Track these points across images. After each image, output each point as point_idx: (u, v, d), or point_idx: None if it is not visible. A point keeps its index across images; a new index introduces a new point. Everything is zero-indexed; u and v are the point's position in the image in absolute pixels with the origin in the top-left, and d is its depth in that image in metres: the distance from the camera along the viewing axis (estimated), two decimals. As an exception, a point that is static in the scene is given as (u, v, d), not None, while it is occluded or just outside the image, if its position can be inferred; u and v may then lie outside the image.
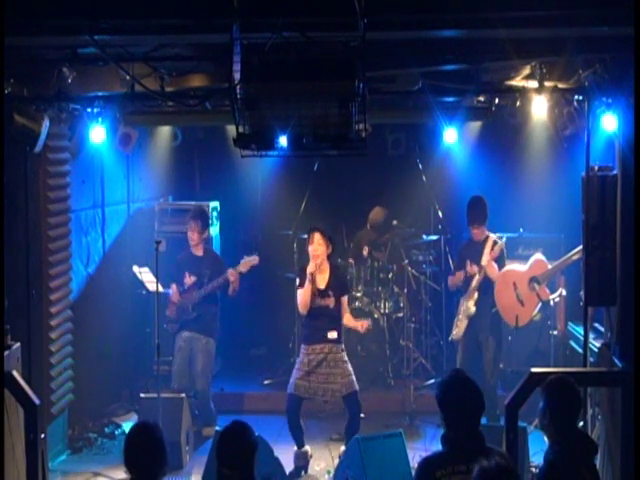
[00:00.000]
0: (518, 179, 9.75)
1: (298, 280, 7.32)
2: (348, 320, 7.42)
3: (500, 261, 8.12)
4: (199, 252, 8.30)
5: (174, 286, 8.25)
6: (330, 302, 7.21)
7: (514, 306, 8.06)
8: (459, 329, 8.17)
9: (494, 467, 3.58)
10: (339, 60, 4.43)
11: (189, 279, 8.21)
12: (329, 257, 7.27)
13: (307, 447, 7.35)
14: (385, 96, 6.95)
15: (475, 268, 8.09)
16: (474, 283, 8.08)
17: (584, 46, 5.64)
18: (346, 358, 7.29)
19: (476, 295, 8.08)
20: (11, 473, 5.58)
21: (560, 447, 4.35)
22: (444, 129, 7.92)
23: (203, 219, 8.30)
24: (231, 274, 7.94)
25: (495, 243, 8.09)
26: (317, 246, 7.16)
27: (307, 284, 7.13)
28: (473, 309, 8.08)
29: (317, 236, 7.17)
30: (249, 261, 7.98)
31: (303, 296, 7.19)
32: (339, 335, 7.27)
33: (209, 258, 8.31)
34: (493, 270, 8.03)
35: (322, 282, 7.23)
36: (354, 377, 7.23)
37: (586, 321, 6.34)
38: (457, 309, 8.32)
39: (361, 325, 7.41)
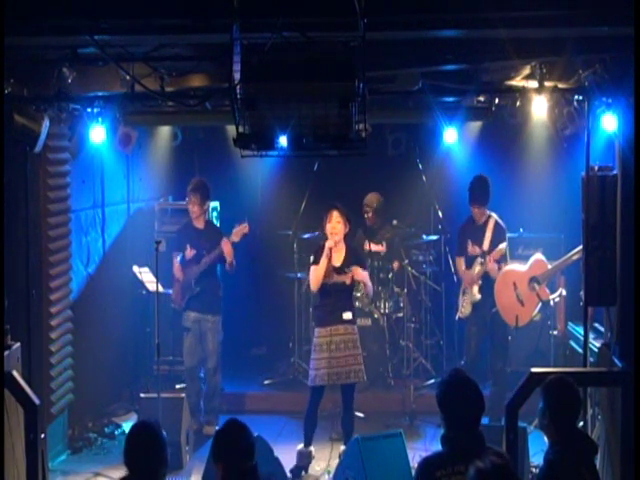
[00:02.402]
0: (518, 179, 9.74)
1: (313, 257, 7.29)
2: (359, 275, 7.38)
3: (502, 262, 8.13)
4: (200, 224, 8.36)
5: (176, 262, 8.31)
6: (347, 279, 7.20)
7: (514, 306, 8.06)
8: (465, 309, 8.22)
9: (490, 467, 3.57)
10: (339, 60, 4.42)
11: (190, 252, 8.26)
12: (345, 237, 7.27)
13: (312, 447, 7.33)
14: (385, 96, 6.95)
15: (477, 249, 8.11)
16: (477, 269, 8.10)
17: (584, 46, 5.64)
18: (359, 341, 7.31)
19: (480, 282, 8.10)
20: (11, 473, 5.58)
21: (560, 447, 4.35)
22: (444, 129, 7.92)
23: (203, 191, 8.31)
24: (225, 244, 7.98)
25: (497, 225, 8.10)
26: (335, 224, 7.16)
27: (324, 259, 7.11)
28: (478, 296, 8.13)
29: (336, 214, 7.17)
30: (240, 229, 7.99)
31: (317, 271, 7.16)
32: (353, 315, 7.29)
33: (208, 231, 8.37)
34: (493, 269, 8.04)
35: (338, 260, 7.23)
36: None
37: (586, 321, 6.34)
38: (459, 289, 8.36)
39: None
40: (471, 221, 8.35)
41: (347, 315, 7.21)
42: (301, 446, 7.32)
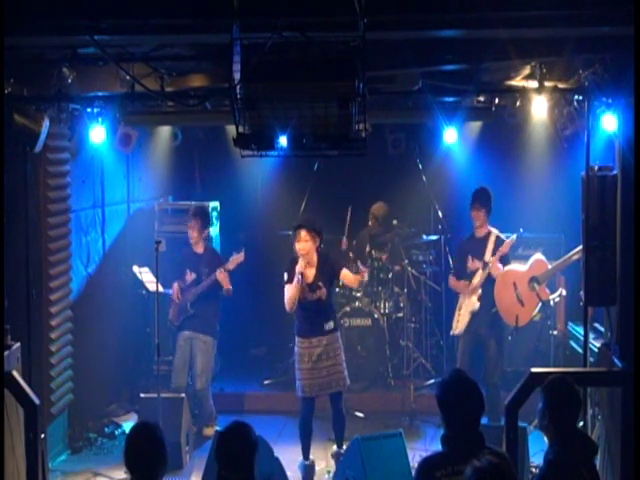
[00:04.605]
0: (518, 179, 9.74)
1: (286, 275, 7.15)
2: (351, 281, 7.31)
3: (505, 259, 8.10)
4: (200, 249, 8.33)
5: (176, 285, 8.28)
6: (322, 294, 7.07)
7: (514, 306, 8.05)
8: (461, 324, 8.14)
9: (487, 465, 3.57)
10: (339, 60, 4.42)
11: (190, 276, 8.25)
12: (317, 249, 7.13)
13: (312, 457, 7.28)
14: (385, 96, 6.95)
15: (477, 263, 8.07)
16: (477, 279, 8.06)
17: (584, 46, 5.65)
18: (342, 347, 7.23)
19: (480, 291, 8.07)
20: (11, 473, 5.58)
21: (560, 447, 4.35)
22: (444, 129, 7.91)
23: (203, 217, 8.31)
24: (219, 273, 7.96)
25: (498, 238, 8.08)
26: (304, 243, 7.02)
27: (295, 283, 7.00)
28: (477, 305, 8.05)
29: (303, 233, 7.02)
30: (236, 259, 7.99)
31: (290, 294, 7.05)
32: (335, 324, 7.21)
33: (208, 256, 8.33)
34: (498, 270, 8.01)
35: (311, 276, 7.10)
36: (346, 372, 7.21)
37: (586, 321, 6.33)
38: (457, 303, 8.30)
39: (361, 275, 7.24)
40: (471, 237, 8.30)
41: (329, 325, 7.12)
42: (301, 458, 7.24)
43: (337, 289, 9.10)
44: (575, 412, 4.52)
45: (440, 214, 9.49)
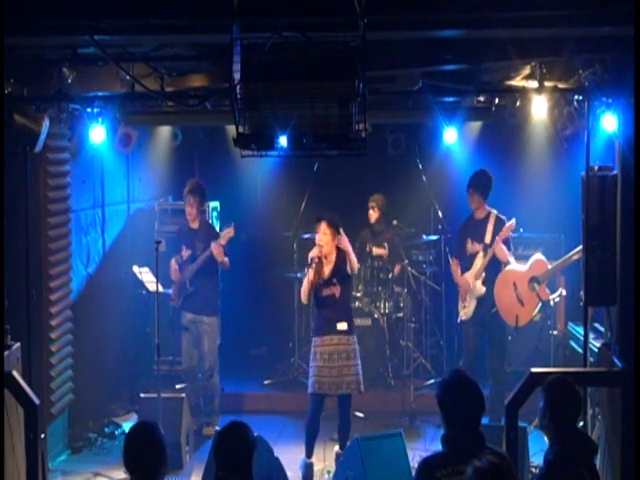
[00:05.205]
0: (518, 179, 9.75)
1: (306, 270, 7.32)
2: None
3: (507, 243, 8.11)
4: (195, 225, 8.40)
5: (173, 262, 8.34)
6: (336, 291, 7.16)
7: (514, 306, 8.05)
8: (468, 309, 8.16)
9: (488, 466, 3.57)
10: (339, 60, 4.43)
11: (185, 252, 8.31)
12: (337, 247, 7.19)
13: (314, 459, 7.28)
14: (385, 96, 6.95)
15: (477, 246, 8.08)
16: (479, 263, 8.06)
17: (584, 46, 5.65)
18: (357, 352, 7.23)
19: (484, 275, 8.07)
20: (11, 473, 5.58)
21: (560, 447, 4.35)
22: (444, 129, 7.91)
23: (201, 194, 8.35)
24: (214, 247, 8.01)
25: (498, 219, 8.08)
26: (322, 235, 7.15)
27: (309, 271, 7.12)
28: (483, 289, 8.07)
29: (323, 225, 7.16)
30: (226, 233, 8.04)
31: (305, 283, 7.20)
32: (349, 326, 7.22)
33: (203, 231, 8.38)
34: (503, 252, 8.00)
35: (327, 272, 7.19)
36: (361, 377, 7.19)
37: (586, 321, 6.34)
38: (459, 293, 8.29)
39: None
40: (471, 219, 8.33)
41: (342, 326, 7.15)
42: (304, 456, 7.25)
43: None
44: (575, 412, 4.52)
45: (440, 214, 9.49)
